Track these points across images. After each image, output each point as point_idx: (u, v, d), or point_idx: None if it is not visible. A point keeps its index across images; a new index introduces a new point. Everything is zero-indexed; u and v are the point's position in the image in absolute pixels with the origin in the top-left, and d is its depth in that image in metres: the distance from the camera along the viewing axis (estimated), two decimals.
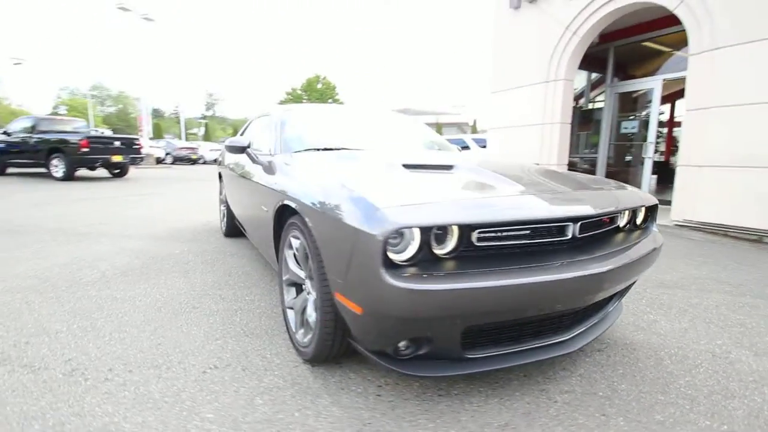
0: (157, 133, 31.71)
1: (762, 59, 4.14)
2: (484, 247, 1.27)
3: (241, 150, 2.49)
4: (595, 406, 1.44)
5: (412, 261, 1.19)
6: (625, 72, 7.26)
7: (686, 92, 4.83)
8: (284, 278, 1.93)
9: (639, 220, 1.79)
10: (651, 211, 1.86)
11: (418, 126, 3.26)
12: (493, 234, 1.27)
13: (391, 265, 1.14)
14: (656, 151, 6.58)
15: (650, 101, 6.40)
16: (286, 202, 1.71)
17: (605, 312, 1.73)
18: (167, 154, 21.67)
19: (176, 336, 1.92)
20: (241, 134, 3.77)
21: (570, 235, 1.39)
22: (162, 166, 19.42)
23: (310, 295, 1.70)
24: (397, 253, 1.18)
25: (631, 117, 7.02)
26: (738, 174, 4.38)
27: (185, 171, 16.15)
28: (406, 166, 1.69)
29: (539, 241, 1.36)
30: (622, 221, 1.71)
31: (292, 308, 1.85)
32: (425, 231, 1.17)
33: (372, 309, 1.19)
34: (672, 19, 5.14)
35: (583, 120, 7.58)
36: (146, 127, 21.66)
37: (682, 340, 1.96)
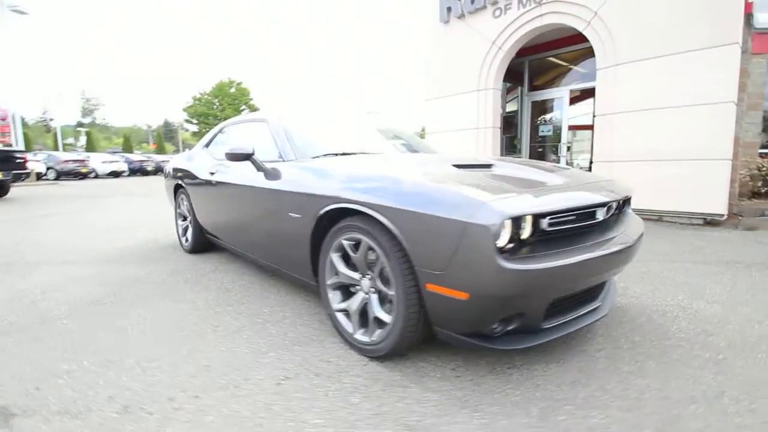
0: (27, 145, 26.61)
1: (649, 74, 5.16)
2: (549, 231, 1.49)
3: (246, 157, 2.39)
4: (627, 356, 1.76)
5: (503, 247, 1.35)
6: (538, 82, 8.33)
7: (595, 100, 5.79)
8: (329, 283, 1.94)
9: (629, 205, 2.20)
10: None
11: (398, 129, 3.42)
12: (557, 219, 1.49)
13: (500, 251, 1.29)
14: (568, 150, 7.69)
15: (561, 108, 7.48)
16: (342, 205, 1.74)
17: (611, 282, 2.09)
18: (49, 168, 18.51)
19: (219, 356, 1.80)
20: (207, 144, 3.53)
21: (601, 218, 1.68)
22: (45, 183, 16.58)
23: (371, 294, 1.75)
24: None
25: (546, 122, 8.10)
26: (638, 167, 5.38)
27: (76, 187, 14.01)
28: (456, 165, 1.85)
29: (582, 224, 1.62)
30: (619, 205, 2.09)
31: (344, 311, 1.88)
32: (516, 220, 1.34)
33: (482, 292, 1.33)
34: (580, 38, 6.11)
35: (507, 125, 8.50)
36: (17, 137, 18.16)
37: (654, 299, 2.44)
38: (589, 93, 6.91)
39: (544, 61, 7.81)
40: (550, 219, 1.44)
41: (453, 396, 1.48)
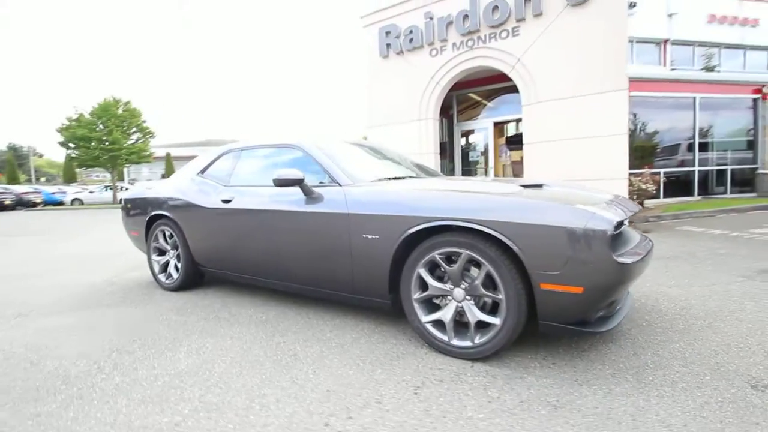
0: None
1: (564, 111, 6.35)
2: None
3: (296, 183, 2.40)
4: (659, 330, 2.24)
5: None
6: (464, 114, 9.41)
7: (524, 131, 6.85)
8: (415, 297, 2.08)
9: None
10: None
11: (399, 153, 3.65)
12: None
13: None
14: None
15: (486, 136, 8.57)
16: (443, 223, 1.91)
17: None
18: None
19: (329, 380, 1.79)
20: (203, 171, 3.30)
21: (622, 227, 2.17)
22: None
23: (465, 302, 1.95)
24: None
25: (474, 148, 9.15)
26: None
27: None
28: (522, 186, 2.18)
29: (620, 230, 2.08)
30: None
31: (438, 321, 2.02)
32: (617, 226, 1.71)
33: (597, 285, 1.65)
34: (501, 77, 7.19)
35: (442, 151, 9.35)
36: None
37: (645, 285, 3.06)
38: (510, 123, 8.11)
39: (469, 96, 8.91)
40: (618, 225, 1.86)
41: (564, 378, 1.75)
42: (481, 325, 1.92)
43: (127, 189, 25.50)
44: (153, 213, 3.46)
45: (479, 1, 6.79)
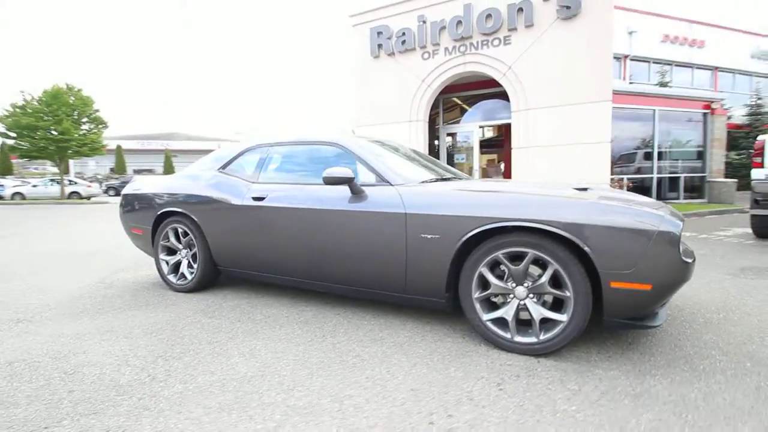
0: None
1: (552, 118, 6.68)
2: None
3: (346, 181, 2.37)
4: (685, 323, 2.43)
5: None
6: (449, 117, 9.61)
7: (512, 136, 7.12)
8: (476, 296, 2.12)
9: None
10: None
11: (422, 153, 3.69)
12: None
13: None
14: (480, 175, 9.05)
15: (472, 139, 8.81)
16: (511, 223, 1.96)
17: None
18: None
19: (408, 379, 1.79)
20: (224, 167, 3.16)
21: None
22: None
23: (528, 300, 2.02)
24: None
25: (460, 150, 9.38)
26: None
27: None
28: (575, 188, 2.28)
29: None
30: None
31: (500, 318, 2.08)
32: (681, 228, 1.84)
33: (665, 282, 1.77)
34: (491, 83, 7.44)
35: (430, 152, 9.50)
36: None
37: None
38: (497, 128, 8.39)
39: (455, 100, 9.12)
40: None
41: (627, 369, 1.86)
42: (544, 322, 1.99)
43: (75, 183, 23.56)
44: (164, 210, 3.26)
45: (473, 8, 6.98)
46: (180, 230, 3.23)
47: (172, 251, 3.36)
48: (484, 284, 2.11)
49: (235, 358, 2.04)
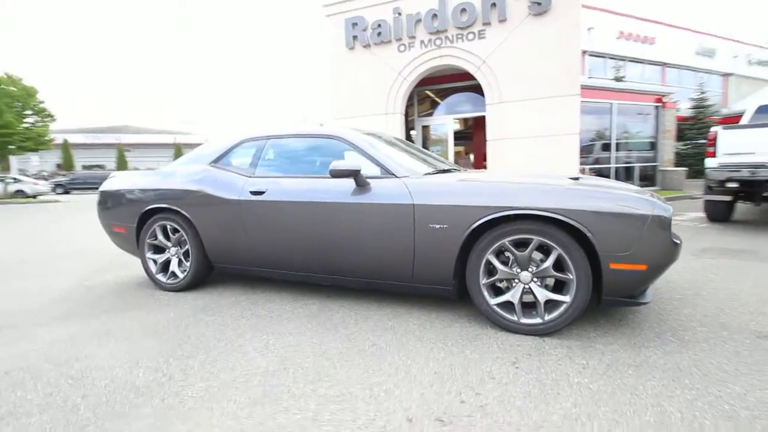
0: None
1: (525, 111, 6.94)
2: None
3: (353, 174, 2.39)
4: (664, 300, 2.67)
5: None
6: (423, 110, 9.72)
7: (487, 128, 7.32)
8: (484, 282, 2.22)
9: None
10: None
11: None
12: None
13: None
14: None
15: (446, 132, 8.97)
16: (516, 212, 2.06)
17: None
18: None
19: (433, 362, 1.86)
20: (217, 160, 3.07)
21: None
22: None
23: (532, 284, 2.15)
24: None
25: (434, 142, 9.52)
26: None
27: None
28: (571, 178, 2.42)
29: None
30: None
31: (508, 302, 2.19)
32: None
33: (657, 263, 1.94)
34: (465, 76, 7.59)
35: None
36: None
37: None
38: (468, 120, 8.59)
39: (429, 92, 9.23)
40: None
41: (623, 343, 2.03)
42: (548, 303, 2.13)
43: (19, 180, 21.71)
44: (150, 206, 3.12)
45: (448, 2, 7.08)
46: (169, 227, 3.12)
47: (159, 249, 3.24)
48: (491, 270, 2.22)
49: (251, 353, 2.03)
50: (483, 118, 7.77)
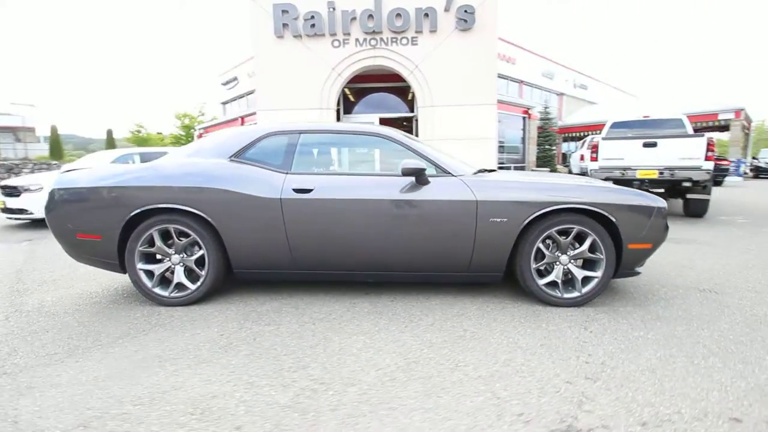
0: None
1: (453, 115, 7.69)
2: None
3: (420, 172, 2.51)
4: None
5: None
6: (352, 106, 9.77)
7: (419, 129, 7.87)
8: (534, 267, 2.62)
9: None
10: None
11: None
12: None
13: None
14: None
15: None
16: (566, 205, 2.50)
17: None
18: None
19: (537, 337, 2.16)
20: (236, 155, 2.75)
21: None
22: None
23: (570, 265, 2.64)
24: None
25: None
26: None
27: None
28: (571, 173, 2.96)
29: None
30: None
31: (553, 281, 2.62)
32: None
33: (657, 242, 2.61)
34: (394, 77, 8.01)
35: None
36: None
37: None
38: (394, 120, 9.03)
39: (357, 90, 9.35)
40: None
41: (638, 302, 2.67)
42: (587, 279, 2.64)
43: None
44: (146, 207, 2.62)
45: (383, 5, 7.34)
46: (173, 231, 2.67)
47: (151, 258, 2.74)
48: (540, 256, 2.62)
49: (361, 354, 2.00)
50: (409, 119, 8.31)
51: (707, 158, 6.09)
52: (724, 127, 18.69)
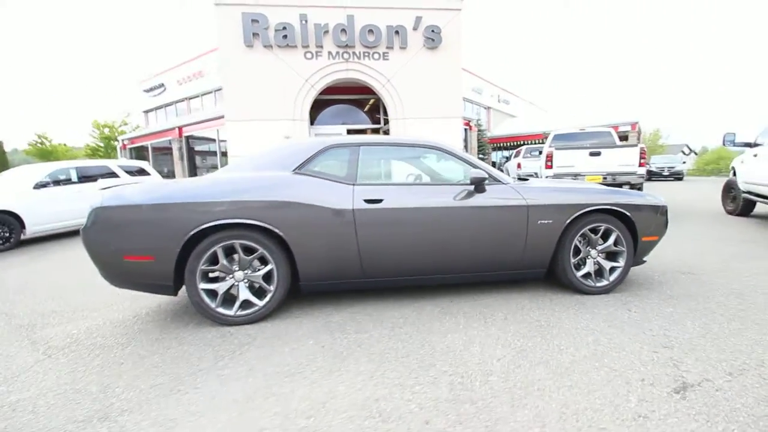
0: None
1: (422, 127, 8.11)
2: None
3: (482, 181, 2.78)
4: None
5: None
6: (320, 118, 9.70)
7: None
8: (573, 261, 3.03)
9: None
10: None
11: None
12: None
13: None
14: None
15: None
16: (599, 206, 2.95)
17: None
18: None
19: (594, 327, 2.52)
20: (301, 167, 2.76)
21: None
22: None
23: (599, 258, 3.11)
24: None
25: None
26: None
27: None
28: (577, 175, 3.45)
29: None
30: None
31: (587, 273, 3.05)
32: None
33: (662, 235, 3.18)
34: (364, 89, 8.25)
35: None
36: None
37: None
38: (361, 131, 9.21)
39: (326, 102, 9.35)
40: None
41: (655, 285, 3.21)
42: (612, 270, 3.11)
43: None
44: (211, 223, 2.52)
45: (355, 20, 7.55)
46: (239, 247, 2.60)
47: (214, 278, 2.63)
48: (577, 251, 3.04)
49: (483, 347, 2.18)
50: (375, 131, 8.58)
51: (640, 164, 7.26)
52: (623, 137, 21.99)
